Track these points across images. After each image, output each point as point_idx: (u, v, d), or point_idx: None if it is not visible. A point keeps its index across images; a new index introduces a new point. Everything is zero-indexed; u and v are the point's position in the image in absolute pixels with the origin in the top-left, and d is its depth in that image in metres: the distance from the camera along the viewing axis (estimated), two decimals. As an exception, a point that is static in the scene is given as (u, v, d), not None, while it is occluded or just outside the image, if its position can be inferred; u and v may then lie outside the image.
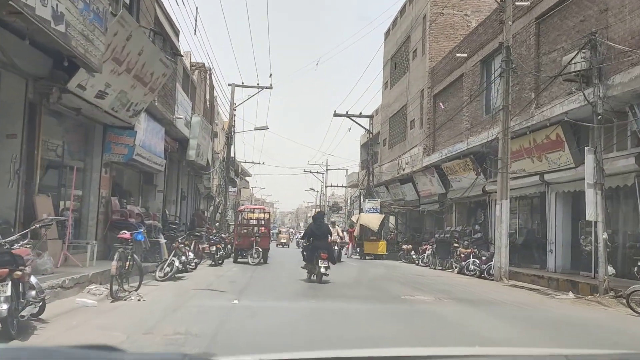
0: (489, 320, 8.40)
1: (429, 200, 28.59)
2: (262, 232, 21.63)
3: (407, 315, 8.79)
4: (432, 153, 26.42)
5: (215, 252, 18.86)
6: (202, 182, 32.34)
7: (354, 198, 64.49)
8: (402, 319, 8.20)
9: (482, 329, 7.52)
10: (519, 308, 10.47)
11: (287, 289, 12.07)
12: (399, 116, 33.04)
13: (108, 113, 12.21)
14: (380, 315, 8.67)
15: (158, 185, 19.40)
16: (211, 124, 30.25)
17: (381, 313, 8.89)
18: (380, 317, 8.37)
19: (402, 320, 8.15)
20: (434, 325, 7.73)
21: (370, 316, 8.39)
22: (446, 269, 21.43)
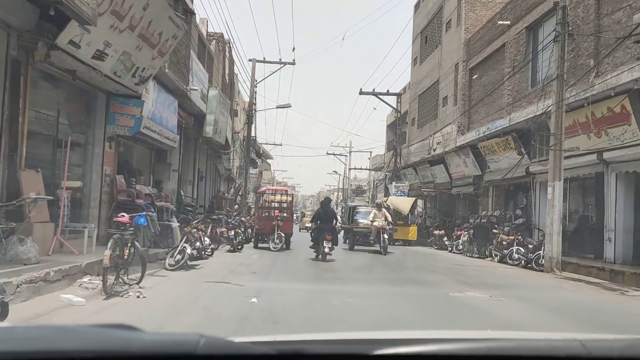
0: (571, 327, 6.66)
1: (462, 183, 26.70)
2: (284, 215, 20.10)
3: (464, 319, 7.10)
4: (467, 132, 24.48)
5: (233, 237, 17.34)
6: (221, 162, 30.88)
7: (377, 181, 62.70)
8: (460, 325, 6.51)
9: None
10: (597, 310, 8.70)
11: (316, 284, 10.45)
12: (429, 93, 31.05)
13: (110, 78, 10.64)
14: (434, 319, 7.01)
15: (172, 164, 17.91)
16: (231, 101, 28.66)
17: (435, 316, 7.23)
18: (436, 322, 6.70)
19: (461, 326, 6.46)
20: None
21: (425, 321, 6.74)
22: (484, 257, 19.64)
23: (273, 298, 7.95)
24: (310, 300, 8.03)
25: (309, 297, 8.39)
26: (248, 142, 30.45)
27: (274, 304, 7.43)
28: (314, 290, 9.49)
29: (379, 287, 10.22)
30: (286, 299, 7.91)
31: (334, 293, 8.83)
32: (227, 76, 26.19)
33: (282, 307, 7.19)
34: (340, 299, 7.97)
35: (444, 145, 26.79)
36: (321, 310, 7.14)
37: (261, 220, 19.64)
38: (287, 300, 7.85)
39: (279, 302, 7.62)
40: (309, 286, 9.68)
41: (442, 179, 29.40)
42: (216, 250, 17.47)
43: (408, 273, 13.37)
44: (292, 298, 8.10)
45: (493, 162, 22.42)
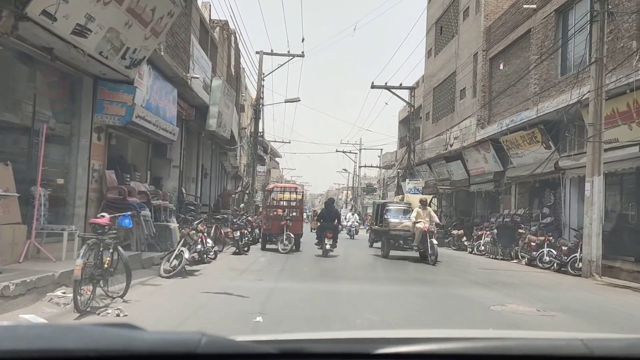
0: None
1: (482, 180, 25.22)
2: (293, 214, 18.76)
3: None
4: (487, 125, 23.01)
5: (239, 239, 16.01)
6: (227, 159, 29.61)
7: (387, 179, 61.22)
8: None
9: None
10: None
11: (333, 294, 9.07)
12: (445, 86, 29.57)
13: (95, 59, 9.31)
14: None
15: (173, 159, 16.60)
16: (237, 94, 27.35)
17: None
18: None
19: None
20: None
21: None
22: (509, 259, 18.19)
23: (281, 316, 6.57)
24: (325, 317, 6.67)
25: (322, 312, 7.02)
26: (255, 137, 29.12)
27: (282, 324, 6.05)
28: (333, 300, 8.11)
29: (412, 304, 8.82)
30: (297, 318, 6.53)
31: (354, 309, 7.46)
32: (233, 68, 24.87)
33: (290, 327, 5.82)
34: (365, 318, 6.57)
35: (462, 140, 25.33)
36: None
37: (269, 220, 18.31)
38: (298, 319, 6.47)
39: (288, 321, 6.23)
40: (324, 302, 8.27)
41: (459, 175, 27.92)
42: (220, 253, 16.18)
43: (438, 281, 11.86)
44: (305, 316, 6.72)
45: (516, 157, 20.95)
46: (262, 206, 19.70)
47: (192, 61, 14.40)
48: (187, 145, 19.48)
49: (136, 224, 10.63)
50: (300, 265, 13.64)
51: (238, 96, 27.86)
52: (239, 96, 27.59)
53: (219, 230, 16.59)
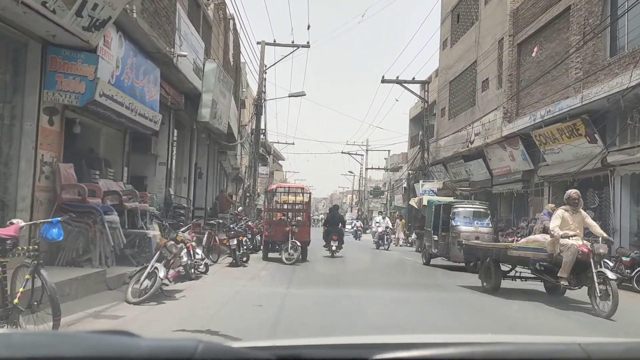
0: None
1: (507, 180, 22.76)
2: (299, 219, 16.37)
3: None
4: (516, 118, 20.56)
5: (236, 248, 13.60)
6: (226, 159, 27.24)
7: (393, 182, 58.71)
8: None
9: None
10: None
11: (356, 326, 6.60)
12: (464, 78, 27.14)
13: (36, 11, 6.92)
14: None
15: (160, 155, 14.22)
16: (236, 86, 25.00)
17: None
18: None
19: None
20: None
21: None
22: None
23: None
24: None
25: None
26: (257, 135, 26.72)
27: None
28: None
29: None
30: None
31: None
32: (232, 57, 22.51)
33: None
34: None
35: (485, 136, 22.88)
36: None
37: (271, 226, 15.90)
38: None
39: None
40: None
41: (480, 176, 25.47)
42: (215, 264, 13.80)
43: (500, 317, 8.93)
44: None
45: (551, 153, 18.49)
46: (264, 209, 17.25)
47: (178, 36, 12.01)
48: (177, 140, 17.12)
49: (99, 232, 8.22)
50: (310, 281, 11.17)
51: (237, 89, 25.50)
52: (238, 89, 25.24)
53: (213, 238, 14.22)
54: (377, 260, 19.46)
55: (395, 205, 60.29)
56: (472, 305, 8.88)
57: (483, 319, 7.61)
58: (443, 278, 13.09)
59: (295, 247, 14.93)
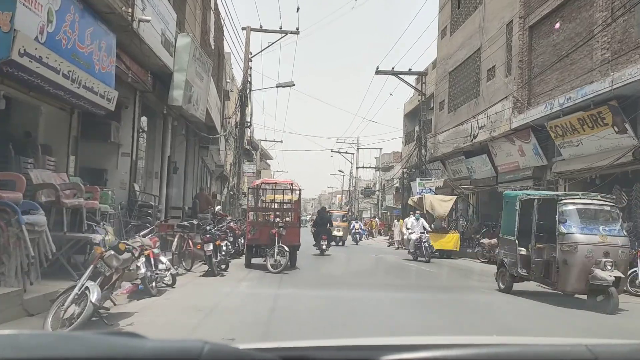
0: None
1: (515, 177, 20.80)
2: (288, 220, 14.29)
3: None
4: (527, 109, 18.60)
5: (212, 254, 11.45)
6: (209, 155, 25.06)
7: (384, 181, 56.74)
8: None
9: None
10: None
11: None
12: (466, 67, 25.16)
13: None
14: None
15: (123, 144, 12.05)
16: (219, 73, 22.85)
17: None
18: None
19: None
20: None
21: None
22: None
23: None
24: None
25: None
26: (242, 128, 24.53)
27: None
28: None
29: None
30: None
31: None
32: (213, 41, 20.34)
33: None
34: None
35: (491, 129, 20.91)
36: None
37: (255, 228, 13.77)
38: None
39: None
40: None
41: (484, 173, 23.51)
42: (188, 273, 11.71)
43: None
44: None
45: (569, 146, 16.54)
46: (247, 209, 15.05)
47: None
48: (148, 130, 14.98)
49: (16, 238, 6.07)
50: (302, 301, 9.02)
51: (220, 77, 23.37)
52: (221, 77, 23.10)
53: (187, 242, 12.07)
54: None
55: (387, 205, 58.40)
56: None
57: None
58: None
59: (283, 252, 12.81)
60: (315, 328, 6.30)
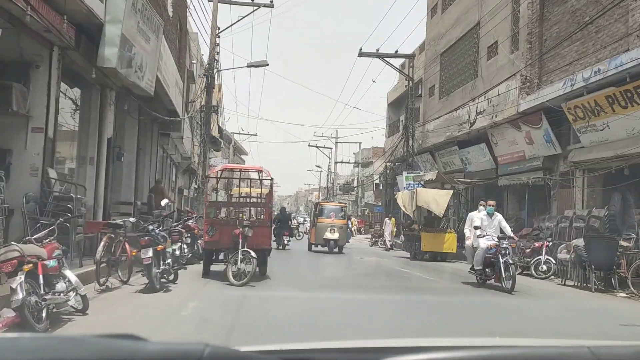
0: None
1: (519, 169, 18.25)
2: (257, 217, 11.50)
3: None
4: (539, 88, 16.00)
5: (153, 263, 8.53)
6: (170, 143, 21.99)
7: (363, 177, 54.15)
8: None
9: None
10: None
11: None
12: (461, 46, 22.54)
13: None
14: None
15: (33, 117, 9.02)
16: (180, 50, 19.83)
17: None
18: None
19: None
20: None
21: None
22: (612, 291, 11.11)
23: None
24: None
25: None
26: (208, 112, 21.49)
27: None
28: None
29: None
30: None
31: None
32: (171, 6, 17.29)
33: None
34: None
35: (492, 114, 18.29)
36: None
37: (214, 228, 10.85)
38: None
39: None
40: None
41: (481, 164, 20.94)
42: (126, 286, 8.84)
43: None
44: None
45: (592, 131, 13.99)
46: (204, 202, 11.92)
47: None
48: (82, 104, 11.97)
49: None
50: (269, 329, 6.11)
51: (183, 53, 20.33)
52: (184, 55, 20.06)
53: (121, 246, 9.12)
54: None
55: (367, 202, 55.81)
56: None
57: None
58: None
59: (248, 258, 9.94)
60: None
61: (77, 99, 12.22)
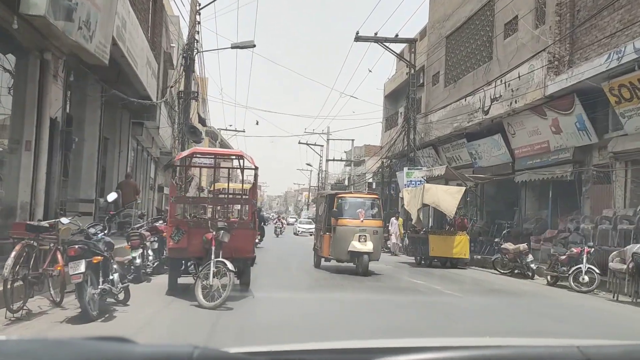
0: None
1: (542, 162, 15.96)
2: (237, 217, 9.18)
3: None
4: (570, 67, 13.70)
5: (82, 280, 6.07)
6: (144, 133, 19.48)
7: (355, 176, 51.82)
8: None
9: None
10: None
11: None
12: (471, 26, 20.20)
13: None
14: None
15: None
16: (154, 26, 17.33)
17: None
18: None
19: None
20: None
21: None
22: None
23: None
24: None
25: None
26: (187, 98, 18.99)
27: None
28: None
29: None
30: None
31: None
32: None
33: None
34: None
35: (511, 99, 15.96)
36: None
37: (180, 231, 8.40)
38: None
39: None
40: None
41: (494, 159, 18.63)
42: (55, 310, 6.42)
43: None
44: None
45: (639, 115, 11.69)
46: (170, 198, 9.35)
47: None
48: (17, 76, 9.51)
49: None
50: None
51: (158, 30, 17.82)
52: (158, 29, 17.54)
53: (50, 257, 6.64)
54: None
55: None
56: None
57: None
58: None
59: (222, 271, 7.55)
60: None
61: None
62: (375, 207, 13.52)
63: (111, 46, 10.71)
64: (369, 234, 12.58)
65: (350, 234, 12.47)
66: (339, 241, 12.58)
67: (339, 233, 12.61)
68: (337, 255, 12.81)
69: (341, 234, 12.56)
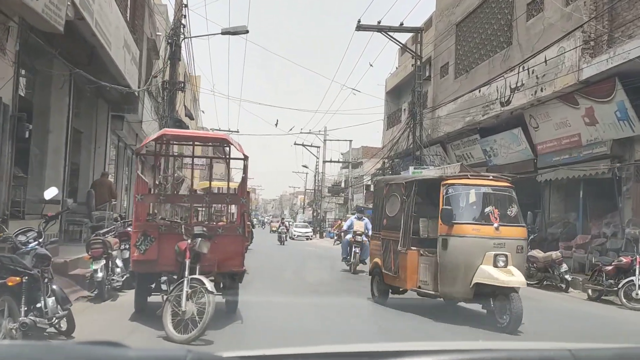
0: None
1: (572, 158, 14.12)
2: (219, 224, 7.32)
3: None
4: (610, 46, 11.90)
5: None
6: (125, 128, 17.65)
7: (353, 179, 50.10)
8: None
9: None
10: None
11: None
12: (485, 10, 18.41)
13: None
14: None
15: None
16: (134, 7, 15.47)
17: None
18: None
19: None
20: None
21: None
22: None
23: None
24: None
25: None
26: (172, 89, 17.11)
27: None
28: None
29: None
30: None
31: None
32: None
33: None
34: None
35: (536, 87, 14.14)
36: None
37: (148, 238, 6.49)
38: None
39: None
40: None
41: (513, 155, 16.83)
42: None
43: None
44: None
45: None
46: (134, 197, 7.37)
47: None
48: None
49: None
50: None
51: (140, 13, 15.96)
52: (140, 11, 15.67)
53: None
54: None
55: (358, 205, 51.69)
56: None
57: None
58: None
59: (199, 291, 5.69)
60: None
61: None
62: (513, 204, 8.09)
63: (75, 17, 8.91)
64: (511, 251, 7.38)
65: (479, 251, 7.30)
66: (456, 265, 7.42)
67: (454, 250, 7.42)
68: (449, 289, 7.59)
69: (460, 251, 7.40)
